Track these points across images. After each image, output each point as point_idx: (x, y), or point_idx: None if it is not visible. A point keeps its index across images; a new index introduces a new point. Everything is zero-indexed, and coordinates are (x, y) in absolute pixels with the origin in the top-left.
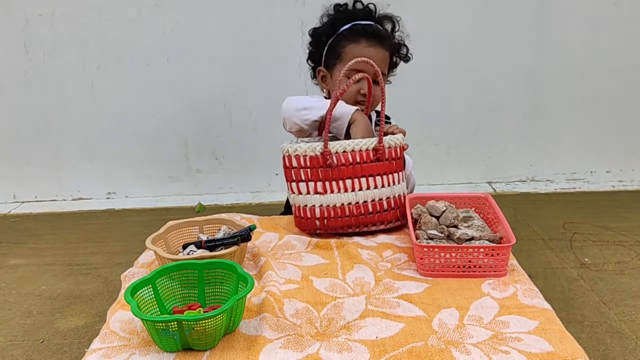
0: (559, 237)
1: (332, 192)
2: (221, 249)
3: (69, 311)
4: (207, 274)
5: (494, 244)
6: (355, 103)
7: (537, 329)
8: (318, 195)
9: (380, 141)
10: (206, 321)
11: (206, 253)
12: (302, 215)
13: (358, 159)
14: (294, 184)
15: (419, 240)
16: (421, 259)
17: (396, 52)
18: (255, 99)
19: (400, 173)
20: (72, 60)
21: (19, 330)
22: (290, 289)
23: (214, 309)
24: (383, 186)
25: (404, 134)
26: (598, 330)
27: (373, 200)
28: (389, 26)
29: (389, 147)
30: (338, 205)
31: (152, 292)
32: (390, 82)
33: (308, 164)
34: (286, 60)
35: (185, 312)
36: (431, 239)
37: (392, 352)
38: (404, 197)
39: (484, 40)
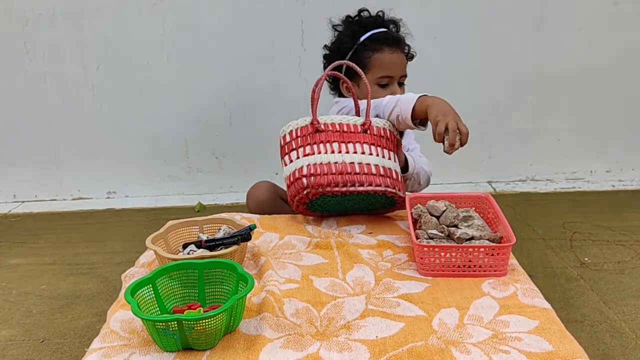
0: (559, 236)
1: (319, 152)
2: (221, 248)
3: (69, 311)
4: (207, 274)
5: (494, 244)
6: None
7: (537, 328)
8: (306, 157)
9: (367, 118)
10: (206, 321)
11: (206, 253)
12: (291, 180)
13: (345, 129)
14: (286, 157)
15: (419, 240)
16: (421, 258)
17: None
18: (255, 99)
19: (391, 152)
20: (72, 60)
21: (19, 330)
22: (290, 289)
23: (214, 308)
24: (371, 154)
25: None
26: (598, 330)
27: (360, 163)
28: (394, 29)
29: (377, 126)
30: (325, 162)
31: (152, 292)
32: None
33: (299, 133)
34: (286, 59)
35: (185, 312)
36: (431, 238)
37: (392, 351)
38: (397, 174)
39: (484, 40)
